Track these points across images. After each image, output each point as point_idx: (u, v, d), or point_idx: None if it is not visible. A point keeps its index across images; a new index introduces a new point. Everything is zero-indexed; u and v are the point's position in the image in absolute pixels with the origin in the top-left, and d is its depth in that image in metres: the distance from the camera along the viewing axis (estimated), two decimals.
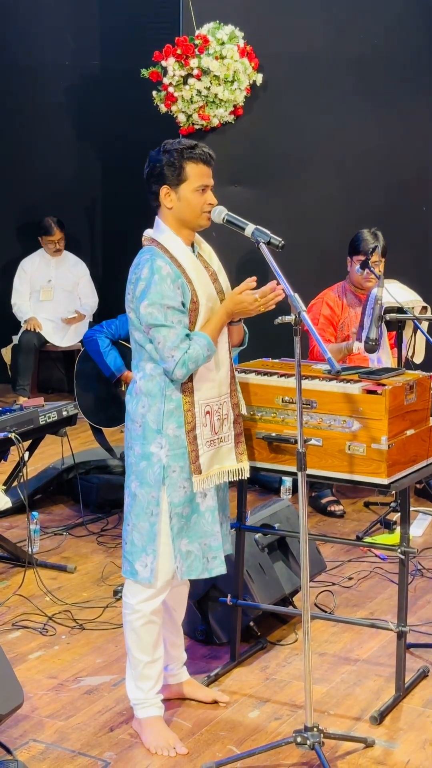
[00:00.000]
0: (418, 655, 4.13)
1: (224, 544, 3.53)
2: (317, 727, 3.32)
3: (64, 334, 8.28)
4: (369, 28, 6.98)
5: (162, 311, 3.31)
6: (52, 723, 3.66)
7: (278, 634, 4.34)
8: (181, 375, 3.33)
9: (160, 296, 3.31)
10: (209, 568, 3.48)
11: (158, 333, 3.32)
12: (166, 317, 3.31)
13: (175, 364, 3.31)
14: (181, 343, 3.31)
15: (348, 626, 4.35)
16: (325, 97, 7.12)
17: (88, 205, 8.79)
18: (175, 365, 3.31)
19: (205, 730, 3.61)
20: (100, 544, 5.34)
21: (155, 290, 3.31)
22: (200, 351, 3.33)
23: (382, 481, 3.52)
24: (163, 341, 3.32)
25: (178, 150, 3.38)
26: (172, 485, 3.40)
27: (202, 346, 3.34)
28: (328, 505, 5.78)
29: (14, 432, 4.76)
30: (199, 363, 3.34)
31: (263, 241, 3.38)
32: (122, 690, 3.76)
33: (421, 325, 5.22)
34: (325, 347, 3.20)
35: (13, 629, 4.38)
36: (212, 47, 6.83)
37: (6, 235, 8.92)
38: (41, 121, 8.67)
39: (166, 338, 3.31)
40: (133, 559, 3.45)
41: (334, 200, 7.16)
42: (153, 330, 3.33)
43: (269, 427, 3.69)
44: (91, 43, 8.52)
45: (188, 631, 4.20)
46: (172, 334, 3.31)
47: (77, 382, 5.75)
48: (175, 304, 3.32)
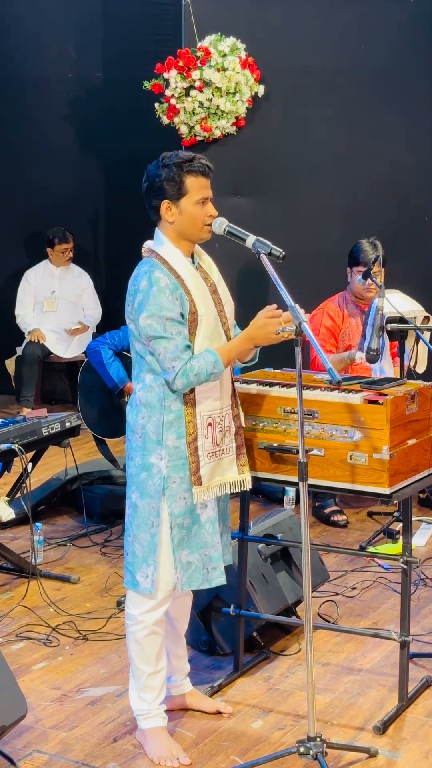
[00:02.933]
0: (421, 665, 4.13)
1: (224, 554, 3.53)
2: (320, 737, 3.32)
3: (68, 345, 8.29)
4: (370, 39, 7.01)
5: (161, 323, 3.32)
6: (56, 734, 3.67)
7: (281, 644, 4.34)
8: (182, 385, 3.34)
9: (158, 308, 3.32)
10: (209, 578, 3.49)
11: (158, 345, 3.33)
12: (165, 329, 3.32)
13: (175, 374, 3.32)
14: (181, 353, 3.32)
15: (351, 636, 4.35)
16: (326, 108, 7.14)
17: (92, 217, 8.82)
18: (175, 376, 3.32)
19: (209, 741, 3.62)
20: (103, 554, 5.35)
21: (153, 302, 3.32)
22: (204, 366, 3.32)
23: (384, 490, 3.53)
24: (164, 352, 3.33)
25: (177, 164, 3.38)
26: (172, 496, 3.41)
27: (208, 362, 3.33)
28: (331, 514, 5.78)
29: (17, 443, 4.77)
30: (201, 377, 3.33)
31: (264, 252, 3.39)
32: (126, 701, 3.76)
33: (423, 335, 5.23)
34: (326, 358, 3.20)
35: (16, 640, 4.39)
36: (214, 59, 6.86)
37: (10, 247, 8.94)
38: (44, 132, 8.70)
39: (166, 350, 3.32)
40: (134, 570, 3.46)
41: (336, 211, 7.18)
42: (153, 342, 3.34)
43: (271, 438, 3.70)
44: (93, 55, 8.56)
45: (191, 641, 4.21)
46: (171, 345, 3.32)
47: (80, 393, 5.77)
48: (173, 316, 3.33)
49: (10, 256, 8.92)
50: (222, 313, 3.49)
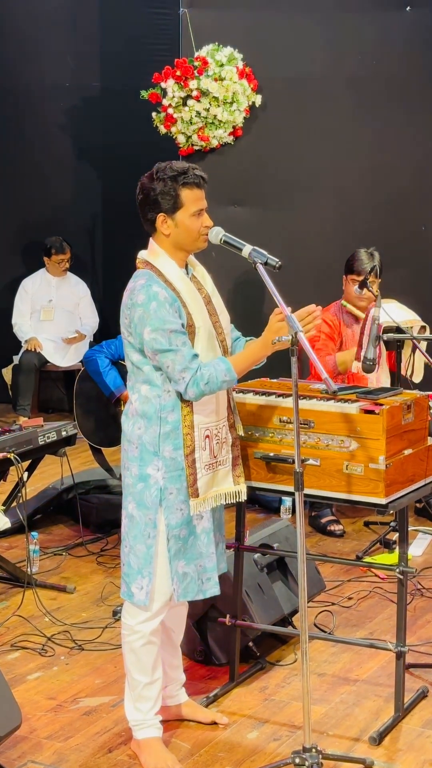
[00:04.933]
0: (417, 675, 4.12)
1: (219, 563, 3.53)
2: (316, 748, 3.31)
3: (65, 354, 8.29)
4: (367, 49, 7.02)
5: (166, 336, 3.31)
6: (51, 744, 3.65)
7: (277, 654, 4.33)
8: (194, 395, 3.33)
9: (161, 322, 3.31)
10: (203, 589, 3.48)
11: (166, 358, 3.33)
12: (170, 342, 3.32)
13: (186, 384, 3.32)
14: (189, 363, 3.31)
15: (347, 646, 4.34)
16: (323, 117, 7.15)
17: (89, 226, 8.82)
18: (186, 385, 3.32)
19: (204, 751, 3.60)
20: (99, 564, 5.34)
21: (156, 316, 3.32)
22: (215, 374, 3.32)
23: (379, 500, 3.52)
24: (172, 365, 3.32)
25: (172, 177, 3.38)
26: (169, 507, 3.40)
27: (220, 370, 3.33)
28: (327, 524, 5.77)
29: (13, 452, 4.77)
30: (214, 385, 3.33)
31: (260, 261, 3.39)
32: (121, 711, 3.75)
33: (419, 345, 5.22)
34: (322, 367, 3.20)
35: (11, 650, 4.37)
36: (211, 69, 6.87)
37: (6, 255, 8.95)
38: (41, 141, 8.71)
39: (174, 362, 3.32)
40: (130, 581, 3.45)
41: (333, 220, 7.19)
42: (160, 356, 3.33)
43: (267, 447, 3.70)
44: (91, 64, 8.57)
45: (187, 651, 4.20)
46: (179, 357, 3.31)
47: (77, 401, 5.76)
48: (177, 327, 3.33)
49: (7, 264, 8.92)
50: (217, 324, 3.49)
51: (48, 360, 8.20)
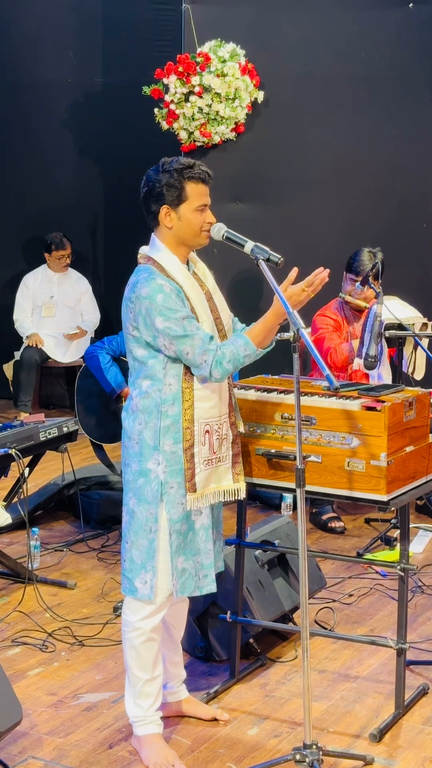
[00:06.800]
0: (418, 672, 4.12)
1: (216, 561, 3.52)
2: (316, 744, 3.31)
3: (66, 350, 8.28)
4: (369, 45, 7.01)
5: (179, 324, 3.31)
6: (51, 740, 3.66)
7: (278, 651, 4.33)
8: (220, 375, 3.33)
9: (172, 311, 3.32)
10: (200, 586, 3.48)
11: (184, 345, 3.32)
12: (184, 328, 3.31)
13: (209, 367, 3.32)
14: (208, 345, 3.32)
15: (348, 643, 4.35)
16: (326, 114, 7.14)
17: (91, 222, 8.82)
18: (210, 368, 3.32)
19: (204, 748, 3.61)
20: (100, 560, 5.34)
21: (165, 306, 3.31)
22: (235, 350, 3.32)
23: (381, 497, 3.52)
24: (191, 350, 3.32)
25: (178, 170, 3.39)
26: (170, 502, 3.40)
27: (239, 345, 3.33)
28: (328, 521, 5.77)
29: (14, 448, 4.76)
30: (237, 362, 3.33)
31: (262, 258, 3.39)
32: (121, 707, 3.75)
33: (421, 342, 5.23)
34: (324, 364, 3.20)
35: (12, 646, 4.38)
36: (214, 65, 6.86)
37: (8, 251, 8.94)
38: (44, 137, 8.71)
39: (192, 347, 3.32)
40: (133, 576, 3.45)
41: (335, 217, 7.18)
42: (177, 343, 3.32)
43: (268, 444, 3.69)
44: (93, 60, 8.56)
45: (187, 648, 4.20)
46: (196, 341, 3.31)
47: (78, 398, 5.76)
48: (187, 314, 3.33)
49: (8, 260, 8.92)
50: (218, 320, 3.49)
51: (49, 356, 8.20)
